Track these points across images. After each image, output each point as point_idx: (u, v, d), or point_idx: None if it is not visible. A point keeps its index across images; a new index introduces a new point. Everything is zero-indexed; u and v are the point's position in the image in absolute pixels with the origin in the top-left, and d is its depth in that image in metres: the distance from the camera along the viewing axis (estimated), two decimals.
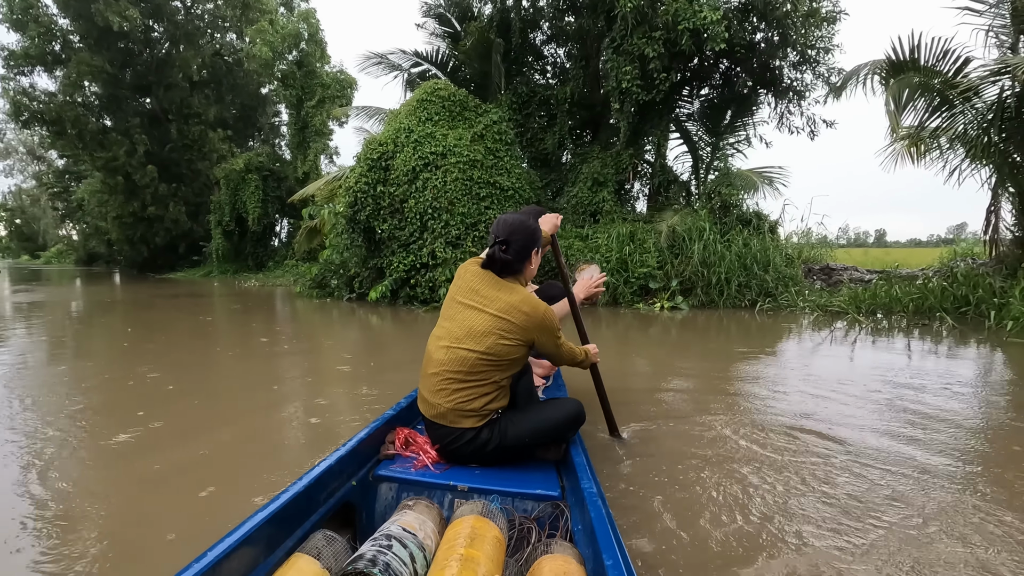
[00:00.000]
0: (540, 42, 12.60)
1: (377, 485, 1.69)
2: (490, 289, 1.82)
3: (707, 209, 8.87)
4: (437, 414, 1.78)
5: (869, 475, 2.21)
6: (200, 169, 24.61)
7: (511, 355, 1.78)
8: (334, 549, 1.23)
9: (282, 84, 20.72)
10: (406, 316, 8.05)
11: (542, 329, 1.82)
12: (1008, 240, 7.69)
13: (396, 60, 12.67)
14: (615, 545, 1.14)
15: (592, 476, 1.56)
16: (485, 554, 1.21)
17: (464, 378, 1.75)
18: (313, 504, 1.40)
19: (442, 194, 8.55)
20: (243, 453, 2.56)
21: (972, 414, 3.05)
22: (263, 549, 1.19)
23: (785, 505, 1.96)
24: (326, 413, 3.14)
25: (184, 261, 25.49)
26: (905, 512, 1.89)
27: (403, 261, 8.80)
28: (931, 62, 7.35)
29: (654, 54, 8.38)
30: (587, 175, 10.14)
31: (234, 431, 2.86)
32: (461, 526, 1.32)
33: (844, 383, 3.72)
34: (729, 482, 2.14)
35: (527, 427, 1.80)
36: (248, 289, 14.61)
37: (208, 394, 3.70)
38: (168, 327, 7.27)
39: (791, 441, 2.60)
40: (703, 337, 6.06)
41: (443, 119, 9.20)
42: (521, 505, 1.62)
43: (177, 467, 2.36)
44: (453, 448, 1.78)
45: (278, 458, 2.48)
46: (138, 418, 3.04)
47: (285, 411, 3.21)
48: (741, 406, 3.21)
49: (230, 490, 2.14)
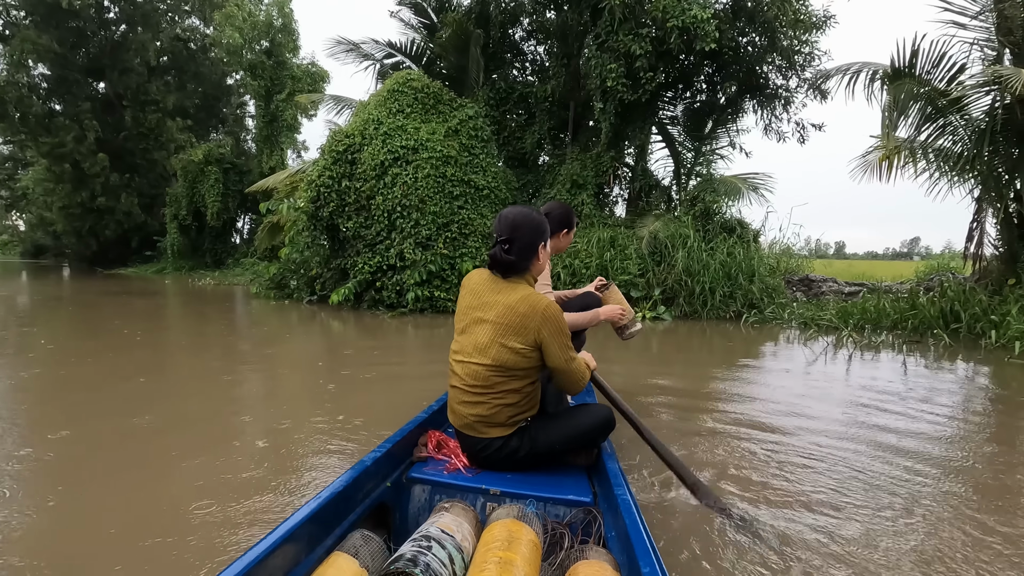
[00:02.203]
0: (520, 38, 12.15)
1: (411, 487, 1.70)
2: (491, 294, 1.73)
3: (691, 215, 8.52)
4: (464, 424, 1.76)
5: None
6: (156, 159, 23.26)
7: (520, 364, 1.67)
8: (371, 548, 1.25)
9: (250, 74, 19.67)
10: (371, 321, 7.43)
11: (544, 324, 1.64)
12: (992, 256, 7.56)
13: (368, 50, 12.01)
14: (651, 552, 1.13)
15: (625, 482, 1.54)
16: (522, 557, 1.22)
17: (482, 391, 1.70)
18: (350, 504, 1.43)
19: (412, 191, 7.96)
20: (134, 538, 1.96)
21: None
22: (304, 547, 1.21)
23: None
24: (262, 463, 2.54)
25: (137, 256, 24.05)
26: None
27: (369, 262, 8.16)
28: (927, 68, 7.18)
29: (641, 52, 8.00)
30: (566, 177, 9.71)
31: (114, 483, 2.24)
32: (498, 529, 1.33)
33: (865, 427, 3.20)
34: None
35: (557, 434, 1.76)
36: (202, 288, 13.66)
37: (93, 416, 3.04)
38: (94, 331, 6.47)
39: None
40: (685, 349, 5.65)
41: (415, 112, 8.61)
42: (553, 510, 1.61)
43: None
44: (484, 456, 1.75)
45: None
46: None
47: (186, 468, 2.54)
48: (729, 447, 2.75)
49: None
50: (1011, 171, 7.50)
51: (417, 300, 7.88)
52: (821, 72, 8.88)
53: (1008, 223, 7.33)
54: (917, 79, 7.32)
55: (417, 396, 3.21)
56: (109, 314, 8.23)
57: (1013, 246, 7.17)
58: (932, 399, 3.62)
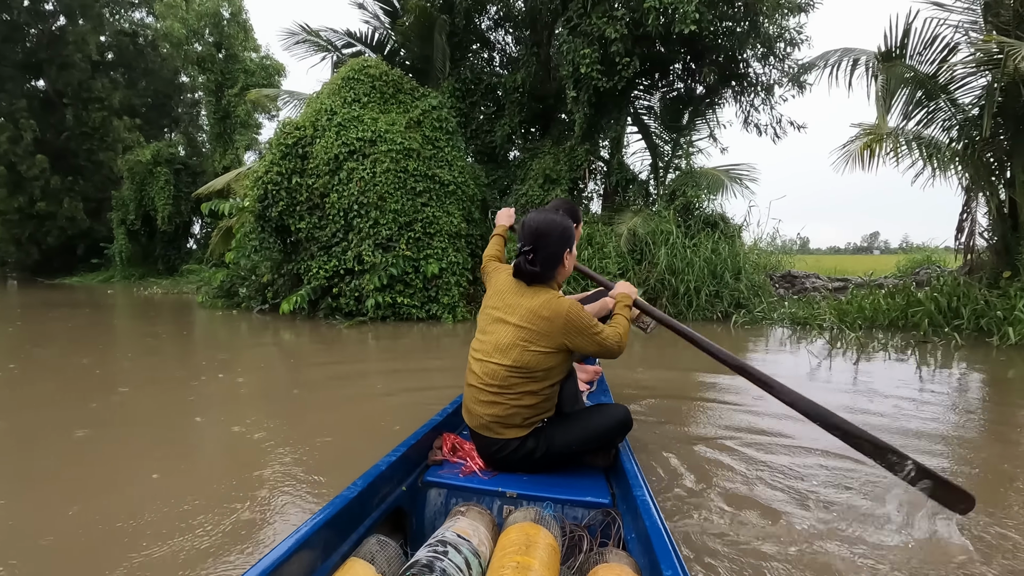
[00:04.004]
0: (487, 28, 11.50)
1: (426, 491, 1.68)
2: (514, 296, 1.72)
3: (672, 210, 8.00)
4: (480, 425, 1.74)
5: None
6: (102, 161, 21.79)
7: (542, 364, 1.65)
8: (387, 554, 1.23)
9: (198, 68, 18.50)
10: (327, 333, 6.68)
11: (569, 330, 1.64)
12: (983, 248, 7.25)
13: (326, 39, 11.19)
14: (672, 554, 1.10)
15: (644, 483, 1.50)
16: (540, 561, 1.19)
17: (500, 391, 1.67)
18: (366, 509, 1.41)
19: (370, 187, 7.22)
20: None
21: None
22: (320, 553, 1.20)
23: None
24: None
25: (84, 265, 22.48)
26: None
27: (324, 266, 7.39)
28: (918, 49, 6.82)
29: (616, 35, 7.44)
30: (538, 172, 9.09)
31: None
32: (515, 532, 1.31)
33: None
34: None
35: (574, 435, 1.74)
36: (148, 298, 12.59)
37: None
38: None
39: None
40: (669, 355, 5.07)
41: (373, 101, 7.86)
42: (571, 512, 1.58)
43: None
44: (500, 457, 1.72)
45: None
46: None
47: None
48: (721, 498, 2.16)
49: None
50: (1002, 159, 7.22)
51: (378, 307, 7.15)
52: (803, 65, 8.54)
53: (1000, 213, 7.02)
54: (906, 64, 6.97)
55: (385, 419, 2.89)
56: (11, 334, 7.24)
57: (1006, 237, 6.86)
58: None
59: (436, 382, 4.03)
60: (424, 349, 5.97)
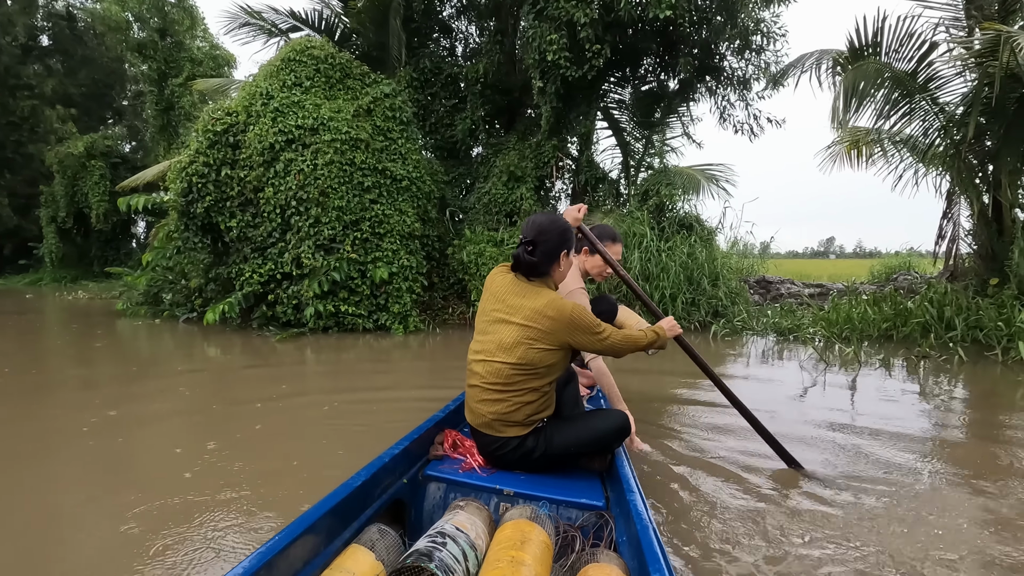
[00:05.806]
0: (448, 16, 10.78)
1: (426, 484, 1.72)
2: (515, 297, 1.75)
3: (645, 210, 7.43)
4: (482, 423, 1.77)
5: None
6: (32, 153, 20.03)
7: (545, 361, 1.71)
8: (387, 542, 1.27)
9: (139, 55, 17.11)
10: (261, 346, 5.83)
11: (573, 329, 1.70)
12: (967, 254, 6.92)
13: (270, 20, 10.25)
14: (661, 558, 1.11)
15: (638, 488, 1.52)
16: (534, 557, 1.22)
17: (503, 389, 1.71)
18: (368, 499, 1.44)
19: (311, 181, 6.38)
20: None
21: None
22: (323, 538, 1.23)
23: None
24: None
25: (11, 266, 20.65)
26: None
27: (258, 270, 6.51)
28: (893, 46, 6.42)
29: (586, 20, 6.83)
30: (502, 169, 8.42)
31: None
32: (511, 529, 1.34)
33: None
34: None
35: (573, 437, 1.77)
36: (70, 303, 11.32)
37: None
38: None
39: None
40: (645, 375, 4.44)
41: (317, 86, 7.02)
42: (565, 513, 1.60)
43: None
44: (500, 455, 1.76)
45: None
46: None
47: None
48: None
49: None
50: (984, 161, 6.92)
51: (319, 316, 6.32)
52: (781, 69, 8.14)
53: (984, 217, 6.70)
54: (880, 62, 6.57)
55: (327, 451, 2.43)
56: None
57: (992, 242, 6.52)
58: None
59: (382, 399, 3.37)
60: (371, 363, 5.23)
